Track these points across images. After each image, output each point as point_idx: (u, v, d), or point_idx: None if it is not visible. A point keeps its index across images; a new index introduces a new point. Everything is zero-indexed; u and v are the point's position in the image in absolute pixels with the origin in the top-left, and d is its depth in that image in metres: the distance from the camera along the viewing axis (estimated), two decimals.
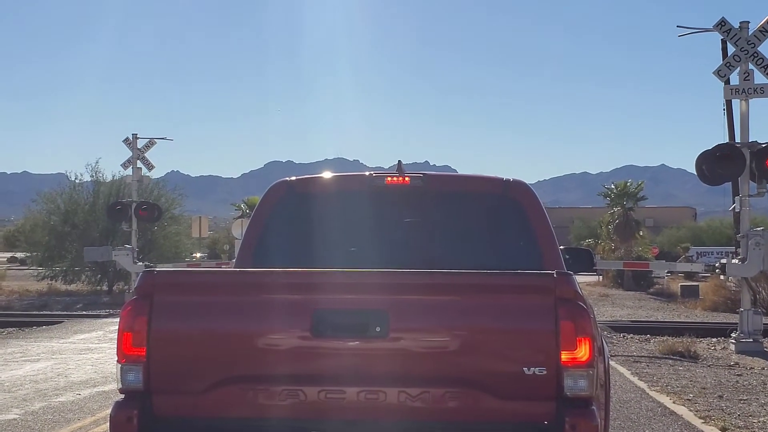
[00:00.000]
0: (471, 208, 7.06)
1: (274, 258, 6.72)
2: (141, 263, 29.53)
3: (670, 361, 16.33)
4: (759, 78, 18.15)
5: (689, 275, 69.82)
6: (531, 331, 4.95)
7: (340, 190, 7.31)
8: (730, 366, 16.07)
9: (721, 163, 17.89)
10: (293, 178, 7.36)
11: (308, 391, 4.98)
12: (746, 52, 18.11)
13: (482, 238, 7.05)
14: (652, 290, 52.06)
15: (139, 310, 5.08)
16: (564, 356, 4.84)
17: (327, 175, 7.52)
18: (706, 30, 18.70)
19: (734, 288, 40.47)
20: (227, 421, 5.06)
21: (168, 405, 5.08)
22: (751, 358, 17.20)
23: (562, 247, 7.02)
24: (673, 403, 11.73)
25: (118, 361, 5.13)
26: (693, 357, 16.96)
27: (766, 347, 18.36)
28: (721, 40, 32.50)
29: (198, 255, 54.89)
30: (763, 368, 15.99)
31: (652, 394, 12.44)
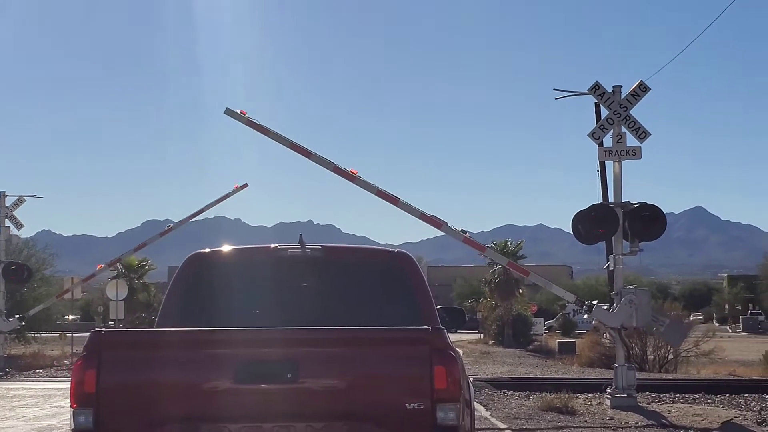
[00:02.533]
0: (362, 275, 8.24)
1: (192, 321, 7.61)
2: (12, 319, 28.94)
3: (549, 417, 16.70)
4: (631, 140, 18.93)
5: (566, 332, 71.70)
6: (411, 374, 6.23)
7: (248, 260, 8.50)
8: (605, 422, 16.53)
9: (595, 223, 18.53)
10: (207, 250, 8.57)
11: (232, 427, 6.11)
12: (619, 115, 18.89)
13: (372, 299, 8.13)
14: (531, 347, 53.16)
15: (88, 363, 6.17)
16: (437, 394, 6.11)
17: (237, 247, 8.83)
18: (581, 93, 19.53)
19: (609, 344, 41.62)
20: None
21: None
22: (625, 413, 17.70)
23: (440, 306, 8.54)
24: None
25: (71, 406, 6.18)
26: (570, 412, 17.38)
27: (639, 402, 18.93)
28: (595, 103, 33.98)
29: (70, 317, 53.61)
30: (637, 423, 16.49)
31: None
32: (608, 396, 18.84)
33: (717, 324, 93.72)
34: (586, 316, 19.74)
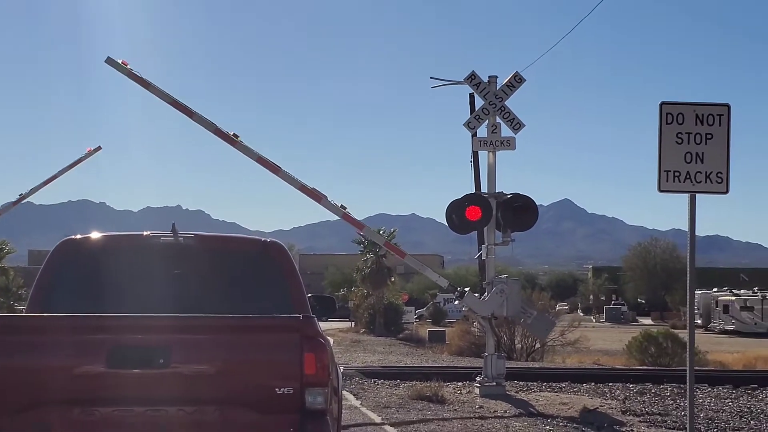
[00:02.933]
0: (235, 263, 8.29)
1: (64, 307, 7.49)
2: None
3: (419, 406, 16.70)
4: (506, 131, 19.07)
5: (436, 321, 72.40)
6: (281, 360, 6.49)
7: (120, 247, 8.51)
8: (475, 410, 16.62)
9: (469, 213, 18.61)
10: (78, 236, 8.49)
11: (104, 411, 6.26)
12: (494, 105, 18.99)
13: (245, 288, 8.20)
14: (401, 336, 53.34)
15: None
16: (306, 379, 6.38)
17: (109, 234, 8.72)
18: (457, 82, 19.50)
19: (478, 333, 42.16)
20: None
21: None
22: (494, 401, 17.84)
23: (311, 294, 8.46)
24: None
25: None
26: (440, 401, 17.43)
27: (508, 391, 19.12)
28: (470, 94, 34.26)
29: None
30: (506, 411, 16.64)
31: None
32: (478, 385, 18.97)
33: (581, 314, 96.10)
34: (457, 302, 19.74)
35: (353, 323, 61.73)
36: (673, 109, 9.76)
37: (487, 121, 19.12)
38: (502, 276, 19.30)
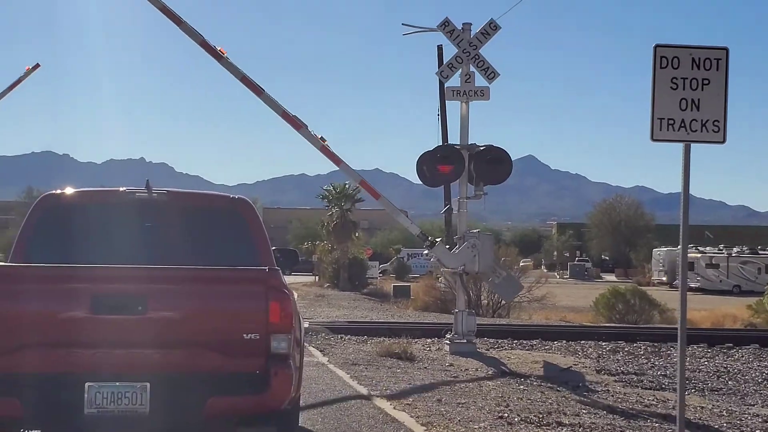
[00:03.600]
0: (205, 218, 8.63)
1: (45, 258, 7.91)
2: None
3: (388, 363, 16.17)
4: (480, 81, 18.41)
5: (400, 276, 72.05)
6: (249, 308, 7.11)
7: (98, 202, 8.99)
8: (445, 368, 16.13)
9: (441, 165, 18.01)
10: (59, 191, 8.93)
11: (86, 353, 6.91)
12: (468, 54, 18.31)
13: (214, 241, 8.56)
14: (366, 290, 52.87)
15: None
16: (271, 327, 7.02)
17: (87, 189, 9.49)
18: (430, 29, 18.74)
19: (444, 288, 41.78)
20: (28, 375, 6.86)
21: None
22: (465, 359, 17.38)
23: (275, 248, 9.04)
24: (394, 408, 11.40)
25: None
26: (409, 358, 16.92)
27: (479, 348, 18.65)
28: (438, 46, 33.23)
29: None
30: (477, 369, 16.17)
31: (374, 401, 12.07)
32: (447, 342, 18.48)
33: (545, 270, 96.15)
34: (426, 252, 19.04)
35: (317, 277, 61.15)
36: (667, 53, 9.11)
37: (460, 70, 18.45)
38: (474, 230, 18.70)
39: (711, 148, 9.51)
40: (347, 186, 56.40)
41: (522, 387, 14.27)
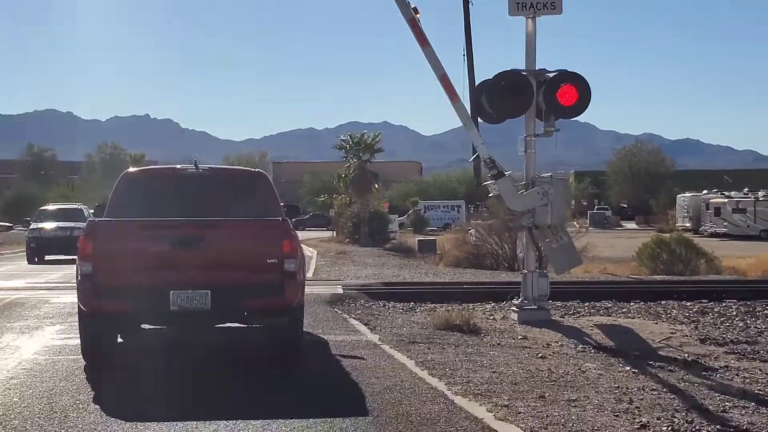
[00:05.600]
0: (235, 186, 12.45)
1: (131, 215, 11.32)
2: None
3: (452, 340, 13.07)
4: None
5: (417, 229, 68.92)
6: (271, 243, 10.78)
7: (163, 176, 12.87)
8: (522, 343, 13.04)
9: (506, 95, 14.74)
10: (134, 169, 12.95)
11: (170, 273, 10.58)
12: None
13: (244, 201, 12.00)
14: (388, 246, 49.68)
15: (87, 238, 10.65)
16: (284, 255, 10.65)
17: (154, 167, 15.79)
18: None
19: (475, 242, 38.62)
20: (135, 287, 10.49)
21: (104, 278, 10.51)
22: (539, 329, 14.32)
23: (283, 203, 12.49)
24: (494, 417, 8.21)
25: (77, 261, 10.64)
26: (474, 331, 13.87)
27: (552, 316, 15.53)
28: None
29: None
30: (561, 345, 13.09)
31: (459, 401, 8.92)
32: (515, 309, 15.34)
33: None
34: (489, 183, 15.37)
35: (335, 232, 58.02)
36: None
37: None
38: (545, 174, 15.35)
39: (718, 91, 6.11)
40: (366, 135, 53.11)
41: (629, 369, 11.18)
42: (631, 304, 17.94)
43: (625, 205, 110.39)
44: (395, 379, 10.04)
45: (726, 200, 74.84)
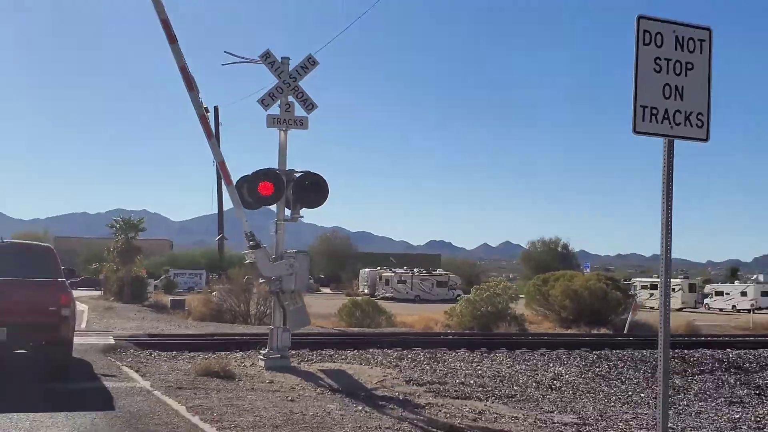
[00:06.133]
0: (29, 255, 12.20)
1: None
2: None
3: (214, 385, 11.28)
4: (299, 111, 13.95)
5: (168, 290, 64.97)
6: (52, 296, 10.97)
7: None
8: (272, 388, 11.48)
9: (262, 187, 13.35)
10: None
11: None
12: (288, 85, 13.85)
13: (36, 266, 11.64)
14: (147, 303, 45.97)
15: None
16: (61, 304, 10.90)
17: None
18: (253, 61, 13.93)
19: (217, 301, 36.37)
20: None
21: None
22: (282, 374, 12.80)
23: (64, 267, 12.21)
24: None
25: None
26: (230, 376, 12.12)
27: (292, 363, 14.07)
28: (215, 107, 28.39)
29: None
30: (303, 388, 11.65)
31: None
32: (262, 357, 13.74)
33: None
34: (246, 252, 13.62)
35: (103, 292, 53.28)
36: (651, 27, 5.30)
37: (280, 100, 13.87)
38: (291, 250, 14.02)
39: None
40: (132, 218, 49.63)
41: (361, 408, 9.95)
42: (348, 351, 16.81)
43: (323, 276, 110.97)
44: (171, 424, 8.20)
45: (393, 274, 77.82)
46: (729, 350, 19.19)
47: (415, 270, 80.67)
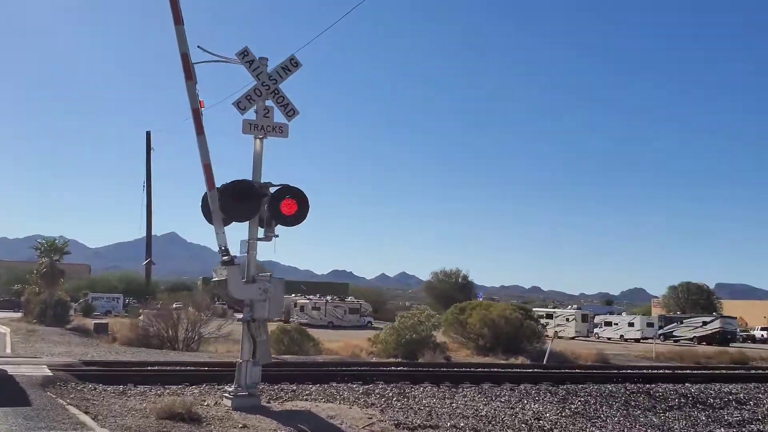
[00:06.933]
0: None
1: None
2: None
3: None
4: (279, 117, 11.29)
5: (86, 313, 59.50)
6: None
7: None
8: None
9: (237, 201, 10.59)
10: None
11: None
12: (268, 87, 11.19)
13: None
14: (69, 326, 41.22)
15: None
16: None
17: None
18: (227, 60, 11.20)
19: (144, 326, 32.55)
20: None
21: None
22: (254, 416, 9.99)
23: None
24: None
25: None
26: (196, 419, 9.26)
27: (262, 402, 11.20)
28: (147, 132, 24.95)
29: None
30: (276, 430, 8.88)
31: None
32: (228, 396, 10.80)
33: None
34: (216, 269, 10.67)
35: (24, 314, 47.84)
36: None
37: (257, 104, 11.18)
38: (265, 274, 11.20)
39: None
40: (57, 241, 44.83)
41: None
42: (309, 385, 13.98)
43: None
44: None
45: (308, 301, 75.28)
46: (688, 384, 17.49)
47: (329, 297, 78.15)
